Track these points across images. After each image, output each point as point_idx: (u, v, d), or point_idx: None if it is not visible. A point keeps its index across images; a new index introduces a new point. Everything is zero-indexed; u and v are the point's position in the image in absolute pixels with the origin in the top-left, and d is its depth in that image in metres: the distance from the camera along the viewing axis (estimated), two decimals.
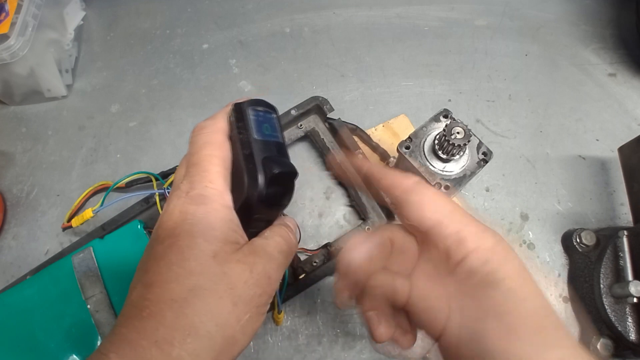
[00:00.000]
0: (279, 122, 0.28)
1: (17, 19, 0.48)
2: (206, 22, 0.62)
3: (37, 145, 0.54)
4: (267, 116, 0.27)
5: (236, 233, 0.25)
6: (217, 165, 0.25)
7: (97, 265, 0.41)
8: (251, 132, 0.26)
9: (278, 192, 0.25)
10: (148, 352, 0.21)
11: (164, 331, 0.21)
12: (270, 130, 0.26)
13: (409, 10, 0.62)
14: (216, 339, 0.22)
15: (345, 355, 0.43)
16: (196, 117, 0.55)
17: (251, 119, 0.26)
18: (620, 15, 0.62)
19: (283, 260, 0.26)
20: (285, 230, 0.27)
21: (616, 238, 0.42)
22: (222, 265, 0.23)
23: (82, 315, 0.40)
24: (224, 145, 0.26)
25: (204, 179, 0.25)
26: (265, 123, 0.26)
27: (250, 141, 0.25)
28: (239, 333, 0.23)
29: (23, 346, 0.40)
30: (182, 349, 0.21)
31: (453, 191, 0.37)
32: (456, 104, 0.56)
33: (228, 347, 0.22)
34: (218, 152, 0.25)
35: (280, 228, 0.27)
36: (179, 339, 0.21)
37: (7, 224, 0.49)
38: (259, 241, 0.25)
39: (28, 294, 0.42)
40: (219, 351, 0.22)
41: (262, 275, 0.24)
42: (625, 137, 0.47)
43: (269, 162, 0.25)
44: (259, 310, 0.24)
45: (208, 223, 0.24)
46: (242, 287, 0.23)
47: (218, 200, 0.24)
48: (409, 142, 0.39)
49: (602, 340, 0.41)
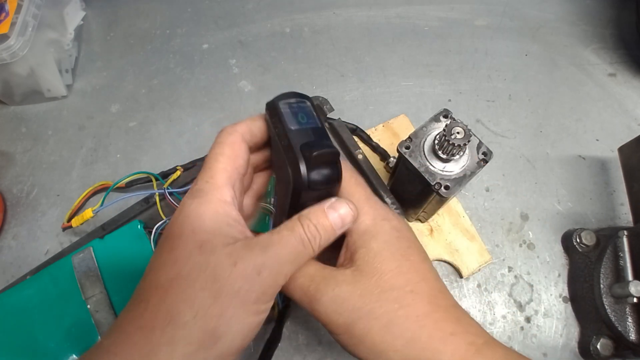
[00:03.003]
0: (314, 108, 0.28)
1: (17, 19, 0.48)
2: (206, 22, 0.62)
3: (37, 145, 0.54)
4: (301, 105, 0.27)
5: (231, 227, 0.24)
6: (222, 163, 0.25)
7: (97, 265, 0.41)
8: (286, 124, 0.26)
9: (322, 175, 0.25)
10: (132, 336, 0.21)
11: (148, 317, 0.21)
12: (306, 118, 0.27)
13: (409, 10, 0.62)
14: (193, 330, 0.21)
15: (345, 355, 0.43)
16: (196, 117, 0.55)
17: (284, 112, 0.26)
18: (620, 15, 0.62)
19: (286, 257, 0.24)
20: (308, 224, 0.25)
21: (616, 238, 0.42)
22: (207, 256, 0.23)
23: (82, 315, 0.40)
24: (236, 144, 0.26)
25: (205, 174, 0.25)
26: (300, 112, 0.27)
27: (287, 132, 0.25)
28: (222, 327, 0.22)
29: (23, 346, 0.40)
30: (162, 335, 0.21)
31: (453, 191, 0.37)
32: (456, 104, 0.56)
33: (208, 341, 0.22)
34: (228, 150, 0.26)
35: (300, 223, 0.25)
36: (160, 325, 0.21)
37: (7, 224, 0.49)
38: (264, 236, 0.24)
39: (28, 294, 0.42)
40: (197, 343, 0.21)
41: (250, 271, 0.23)
42: (625, 137, 0.47)
43: (307, 147, 0.25)
44: (247, 307, 0.23)
45: (198, 215, 0.24)
46: (225, 280, 0.22)
47: (214, 194, 0.24)
48: (409, 142, 0.39)
49: (602, 340, 0.41)
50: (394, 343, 0.24)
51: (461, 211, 0.48)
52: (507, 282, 0.46)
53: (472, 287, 0.46)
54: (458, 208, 0.48)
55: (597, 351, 0.41)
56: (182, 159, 0.50)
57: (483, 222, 0.49)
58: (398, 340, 0.24)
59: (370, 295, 0.24)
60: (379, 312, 0.24)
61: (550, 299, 0.45)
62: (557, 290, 0.46)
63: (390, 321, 0.24)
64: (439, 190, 0.37)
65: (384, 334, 0.24)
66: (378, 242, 0.26)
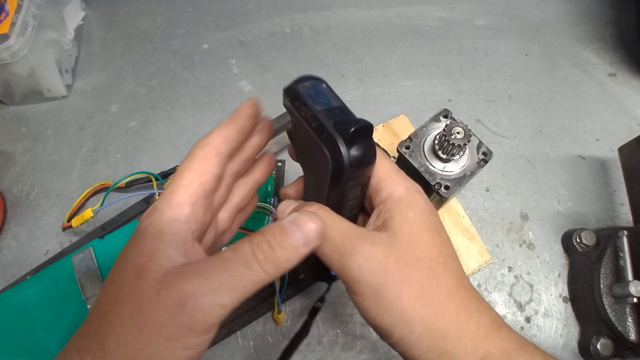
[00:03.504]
0: (331, 89, 0.27)
1: (17, 19, 0.48)
2: (206, 22, 0.62)
3: (37, 145, 0.54)
4: (318, 87, 0.26)
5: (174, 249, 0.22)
6: (186, 178, 0.24)
7: (97, 265, 0.41)
8: (311, 106, 0.25)
9: (361, 150, 0.24)
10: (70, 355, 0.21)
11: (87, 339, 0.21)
12: (328, 98, 0.26)
13: (409, 10, 0.62)
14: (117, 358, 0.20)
15: (345, 355, 0.43)
16: (196, 117, 0.55)
17: (306, 95, 0.25)
18: (620, 15, 0.62)
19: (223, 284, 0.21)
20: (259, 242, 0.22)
21: (616, 238, 0.42)
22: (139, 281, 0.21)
23: (82, 315, 0.40)
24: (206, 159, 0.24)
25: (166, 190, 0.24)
26: (320, 93, 0.26)
27: (315, 113, 0.24)
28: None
29: (23, 346, 0.40)
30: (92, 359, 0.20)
31: (453, 191, 0.37)
32: (456, 104, 0.56)
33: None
34: (196, 165, 0.24)
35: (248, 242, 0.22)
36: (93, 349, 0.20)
37: (7, 224, 0.49)
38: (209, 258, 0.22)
39: (28, 294, 0.42)
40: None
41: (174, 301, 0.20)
42: (625, 137, 0.47)
43: (341, 124, 0.24)
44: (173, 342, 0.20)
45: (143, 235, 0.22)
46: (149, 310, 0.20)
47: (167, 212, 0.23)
48: (409, 142, 0.39)
49: (602, 340, 0.41)
50: (423, 311, 0.23)
51: (461, 211, 0.48)
52: (507, 282, 0.46)
53: None
54: (458, 208, 0.48)
55: (597, 351, 0.41)
56: (182, 159, 0.49)
57: (483, 222, 0.49)
58: (427, 308, 0.23)
59: (406, 261, 0.24)
60: (413, 278, 0.24)
61: (550, 299, 0.45)
62: (557, 290, 0.46)
63: (422, 289, 0.23)
64: (439, 190, 0.37)
65: (415, 301, 0.23)
66: (415, 212, 0.25)
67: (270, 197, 0.45)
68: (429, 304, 0.23)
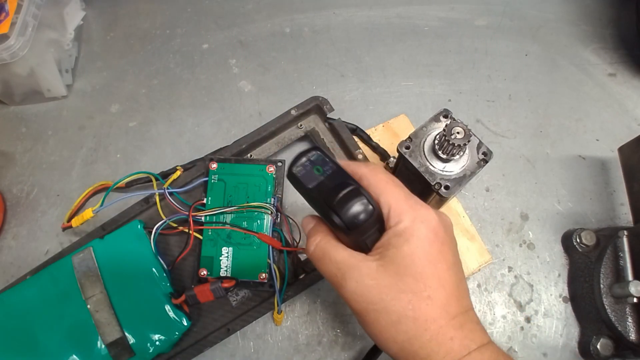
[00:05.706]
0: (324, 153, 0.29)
1: (17, 19, 0.48)
2: (206, 22, 0.62)
3: (37, 145, 0.54)
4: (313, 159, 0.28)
5: None
6: None
7: (97, 265, 0.41)
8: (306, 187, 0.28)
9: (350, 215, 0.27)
10: None
11: None
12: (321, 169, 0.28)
13: (409, 10, 0.62)
14: None
15: (345, 355, 0.43)
16: (196, 117, 0.55)
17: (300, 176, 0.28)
18: (620, 15, 0.62)
19: None
20: None
21: (616, 238, 0.42)
22: None
23: (82, 315, 0.40)
24: None
25: None
26: (315, 166, 0.28)
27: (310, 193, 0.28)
28: None
29: (23, 346, 0.40)
30: None
31: (453, 191, 0.37)
32: (456, 104, 0.56)
33: None
34: None
35: None
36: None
37: (7, 224, 0.49)
38: None
39: (28, 294, 0.42)
40: None
41: None
42: (625, 137, 0.47)
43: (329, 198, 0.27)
44: None
45: None
46: None
47: None
48: (409, 142, 0.39)
49: (602, 340, 0.41)
50: (397, 337, 0.27)
51: (461, 211, 0.48)
52: (507, 282, 0.46)
53: (472, 287, 0.46)
54: (458, 208, 0.48)
55: (597, 351, 0.41)
56: (182, 159, 0.51)
57: (483, 222, 0.49)
58: (401, 335, 0.27)
59: (388, 292, 0.27)
60: (391, 309, 0.27)
61: (550, 299, 0.45)
62: (557, 290, 0.46)
63: (398, 320, 0.27)
64: (439, 190, 0.37)
65: (390, 328, 0.27)
66: (410, 246, 0.27)
67: (270, 197, 0.45)
68: (403, 332, 0.27)
